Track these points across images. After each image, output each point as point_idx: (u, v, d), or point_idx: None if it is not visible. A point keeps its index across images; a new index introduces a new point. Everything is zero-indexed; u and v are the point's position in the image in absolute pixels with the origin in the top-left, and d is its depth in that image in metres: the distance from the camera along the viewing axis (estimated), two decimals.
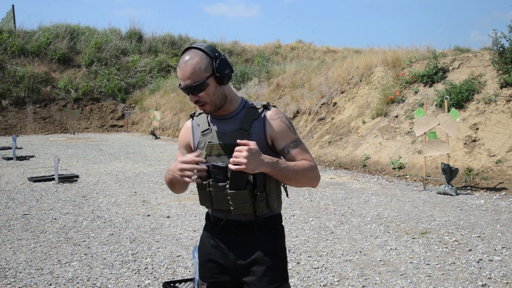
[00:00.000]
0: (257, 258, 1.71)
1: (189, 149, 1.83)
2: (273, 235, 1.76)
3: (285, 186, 1.77)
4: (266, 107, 1.73)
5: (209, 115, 1.79)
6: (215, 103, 1.69)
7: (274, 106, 1.77)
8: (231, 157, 1.59)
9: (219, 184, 1.65)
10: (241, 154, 1.54)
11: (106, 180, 8.21)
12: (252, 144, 1.56)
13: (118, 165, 10.16)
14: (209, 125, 1.76)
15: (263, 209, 1.69)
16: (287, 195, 1.82)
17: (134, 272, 3.82)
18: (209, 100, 1.67)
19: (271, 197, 1.69)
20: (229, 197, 1.65)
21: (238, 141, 1.57)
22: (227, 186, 1.64)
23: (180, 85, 1.68)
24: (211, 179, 1.67)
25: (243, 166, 1.53)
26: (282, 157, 1.74)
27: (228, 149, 1.67)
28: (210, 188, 1.69)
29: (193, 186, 7.60)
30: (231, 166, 1.56)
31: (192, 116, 1.85)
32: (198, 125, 1.79)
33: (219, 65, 1.64)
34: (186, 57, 1.64)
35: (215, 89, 1.67)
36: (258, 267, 1.71)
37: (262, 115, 1.71)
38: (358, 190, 7.17)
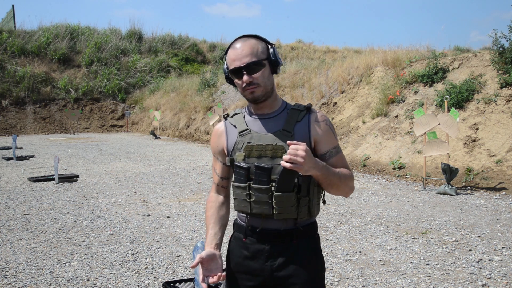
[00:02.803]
0: (296, 269, 1.62)
1: (223, 154, 1.71)
2: (312, 244, 1.68)
3: (323, 192, 1.69)
4: (309, 109, 1.65)
5: (245, 115, 1.69)
6: (266, 88, 1.60)
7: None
8: (273, 159, 1.55)
9: (263, 186, 1.56)
10: (299, 153, 1.43)
11: (106, 180, 8.21)
12: (303, 145, 1.46)
13: (118, 165, 10.16)
14: (247, 125, 1.66)
15: (304, 215, 1.60)
16: (324, 202, 1.71)
17: (134, 272, 3.82)
18: (262, 83, 1.59)
19: (313, 203, 1.62)
20: (275, 200, 1.55)
21: (288, 142, 1.47)
22: (273, 188, 1.55)
23: (227, 69, 1.62)
24: (251, 181, 1.59)
25: (299, 166, 1.43)
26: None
27: (270, 151, 1.58)
28: (251, 191, 1.59)
29: (192, 186, 7.58)
30: (285, 164, 1.44)
31: (225, 117, 1.73)
32: (234, 126, 1.68)
33: (274, 52, 1.61)
34: (241, 40, 1.60)
35: (269, 75, 1.61)
36: (296, 279, 1.62)
37: (306, 117, 1.63)
38: (358, 190, 7.17)
